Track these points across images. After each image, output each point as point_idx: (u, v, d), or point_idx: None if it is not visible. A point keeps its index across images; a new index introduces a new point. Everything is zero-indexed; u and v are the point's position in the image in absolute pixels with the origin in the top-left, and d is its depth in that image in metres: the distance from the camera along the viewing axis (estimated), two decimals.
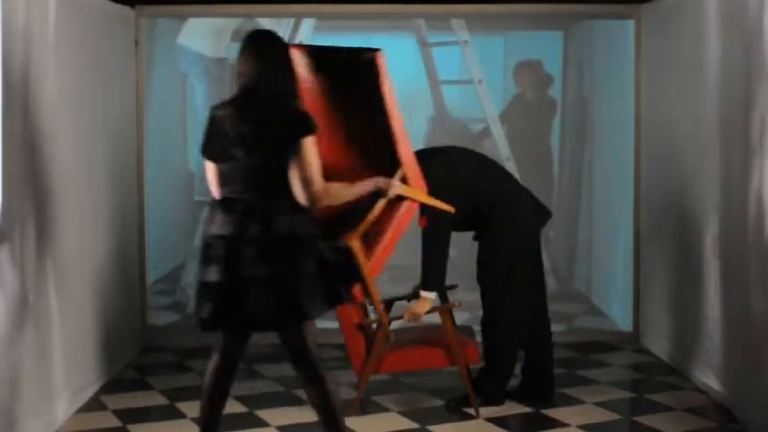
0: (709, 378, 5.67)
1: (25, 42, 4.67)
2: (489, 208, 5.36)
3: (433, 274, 5.30)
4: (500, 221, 5.37)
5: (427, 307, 5.30)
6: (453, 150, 5.62)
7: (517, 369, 6.02)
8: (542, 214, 5.60)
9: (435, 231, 5.25)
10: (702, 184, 5.76)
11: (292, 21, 7.58)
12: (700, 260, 5.79)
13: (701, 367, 5.80)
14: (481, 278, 5.47)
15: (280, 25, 7.64)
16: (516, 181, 5.66)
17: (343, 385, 5.95)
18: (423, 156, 5.28)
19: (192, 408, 5.30)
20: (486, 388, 5.49)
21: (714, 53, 5.57)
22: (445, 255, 5.30)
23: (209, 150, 4.22)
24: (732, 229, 5.30)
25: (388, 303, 5.70)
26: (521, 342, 5.55)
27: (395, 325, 5.30)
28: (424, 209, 5.22)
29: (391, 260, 5.03)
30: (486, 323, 5.49)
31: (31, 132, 4.73)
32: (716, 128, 5.55)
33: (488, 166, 5.58)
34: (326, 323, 7.20)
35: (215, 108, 4.20)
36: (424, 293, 5.30)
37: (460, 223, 5.36)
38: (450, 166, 5.41)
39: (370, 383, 5.58)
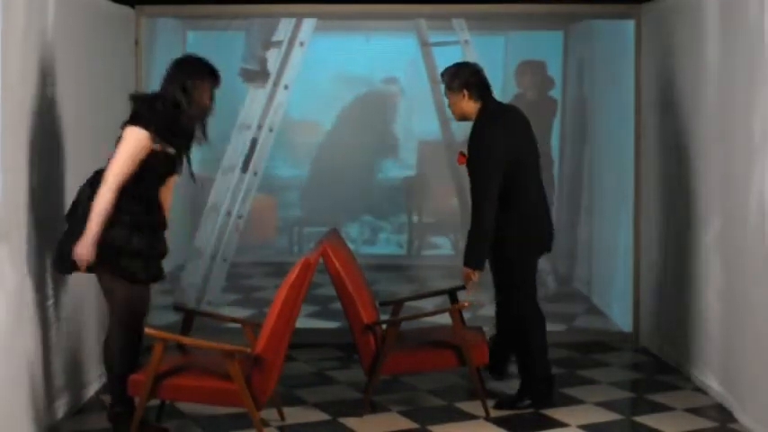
0: (709, 378, 5.67)
1: (25, 42, 4.66)
2: (508, 188, 5.29)
3: (476, 249, 5.29)
4: (508, 206, 5.32)
5: (471, 275, 5.31)
6: (518, 123, 5.50)
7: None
8: (545, 239, 5.54)
9: (483, 199, 5.25)
10: (703, 184, 5.76)
11: (293, 21, 7.59)
12: (700, 260, 5.79)
13: (700, 367, 5.80)
14: (492, 264, 5.50)
15: (280, 25, 7.66)
16: (543, 194, 5.56)
17: (342, 384, 5.96)
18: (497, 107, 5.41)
19: (192, 407, 5.31)
20: (531, 390, 5.48)
21: (714, 53, 5.57)
22: (490, 227, 5.25)
23: None
24: (733, 230, 5.30)
25: (398, 303, 5.72)
26: (544, 338, 5.52)
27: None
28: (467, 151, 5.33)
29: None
30: (499, 314, 5.59)
31: (31, 132, 4.72)
32: (716, 128, 5.55)
33: (534, 157, 5.48)
34: (326, 323, 7.22)
35: None
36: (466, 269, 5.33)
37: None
38: (502, 134, 5.31)
39: None
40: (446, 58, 6.08)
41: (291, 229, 8.91)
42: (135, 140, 4.62)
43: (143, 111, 4.67)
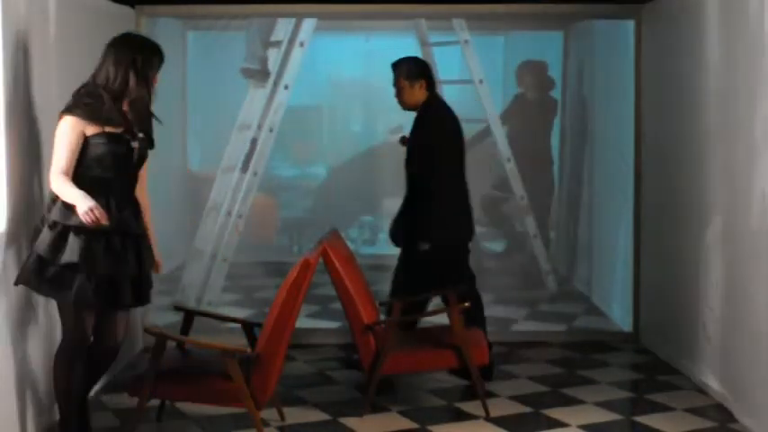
0: (709, 378, 5.67)
1: (26, 43, 4.67)
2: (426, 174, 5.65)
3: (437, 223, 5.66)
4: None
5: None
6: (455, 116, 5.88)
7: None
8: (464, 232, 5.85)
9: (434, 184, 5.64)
10: (703, 184, 5.76)
11: (293, 21, 7.59)
12: (700, 260, 5.79)
13: (701, 367, 5.80)
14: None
15: (280, 25, 7.66)
16: (466, 192, 5.85)
17: (342, 384, 5.96)
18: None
19: (192, 407, 5.31)
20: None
21: (714, 53, 5.58)
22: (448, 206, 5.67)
23: None
24: (733, 229, 5.31)
25: (398, 303, 5.73)
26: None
27: None
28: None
29: None
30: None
31: (33, 133, 4.73)
32: (717, 127, 5.56)
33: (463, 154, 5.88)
34: (326, 323, 7.22)
35: None
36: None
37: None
38: (448, 130, 5.76)
39: None
40: (446, 57, 6.10)
41: (291, 229, 8.92)
42: (60, 128, 4.38)
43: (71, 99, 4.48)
